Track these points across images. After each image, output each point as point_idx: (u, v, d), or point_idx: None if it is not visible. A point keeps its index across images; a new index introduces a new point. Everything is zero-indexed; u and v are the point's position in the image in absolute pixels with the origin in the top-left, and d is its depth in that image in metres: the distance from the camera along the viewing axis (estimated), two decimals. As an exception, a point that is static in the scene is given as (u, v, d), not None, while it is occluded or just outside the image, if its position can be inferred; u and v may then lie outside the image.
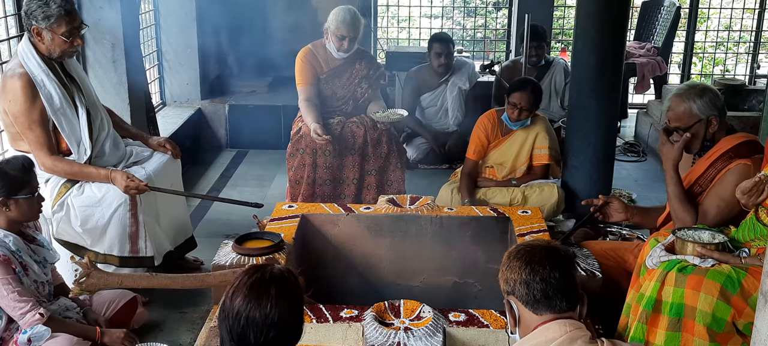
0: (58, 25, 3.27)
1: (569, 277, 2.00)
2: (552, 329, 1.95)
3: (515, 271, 2.01)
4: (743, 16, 8.46)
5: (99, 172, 3.43)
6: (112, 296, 3.24)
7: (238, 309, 1.81)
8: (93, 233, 3.48)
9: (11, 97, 3.29)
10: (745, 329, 2.54)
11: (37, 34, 3.30)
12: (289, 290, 1.85)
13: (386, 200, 3.73)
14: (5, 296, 2.77)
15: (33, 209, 2.95)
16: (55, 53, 3.35)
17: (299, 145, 4.40)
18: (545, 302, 1.98)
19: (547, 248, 2.03)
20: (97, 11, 4.57)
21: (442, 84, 5.80)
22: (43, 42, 3.31)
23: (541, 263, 1.98)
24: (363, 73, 4.56)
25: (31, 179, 2.93)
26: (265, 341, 1.81)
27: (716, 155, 3.05)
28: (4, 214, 2.87)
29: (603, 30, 4.21)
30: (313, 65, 4.47)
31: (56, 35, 3.29)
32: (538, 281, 1.97)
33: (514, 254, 2.04)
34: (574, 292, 2.01)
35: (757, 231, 2.69)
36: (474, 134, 4.54)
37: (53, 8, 3.26)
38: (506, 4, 8.48)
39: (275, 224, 3.50)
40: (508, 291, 2.05)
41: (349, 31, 4.34)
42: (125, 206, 3.45)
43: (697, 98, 3.07)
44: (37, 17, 3.26)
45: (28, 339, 2.78)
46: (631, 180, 5.72)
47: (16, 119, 3.32)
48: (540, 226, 3.49)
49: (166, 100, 6.40)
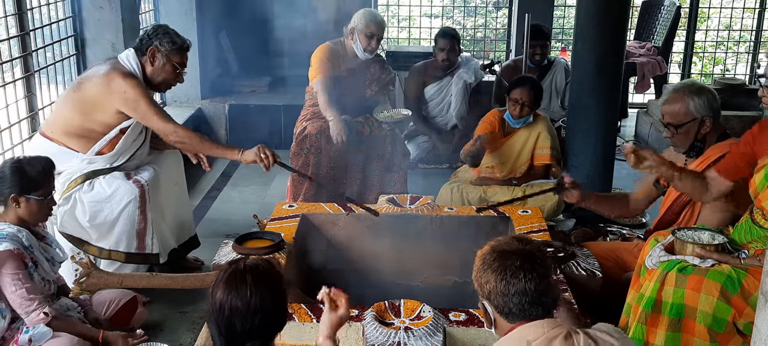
0: (175, 54, 3.58)
1: (545, 285, 1.94)
2: (531, 330, 1.91)
3: (490, 282, 1.96)
4: (743, 16, 8.45)
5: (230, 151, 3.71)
6: (112, 296, 3.25)
7: (220, 302, 1.88)
8: (101, 229, 3.52)
9: (125, 87, 3.44)
10: (745, 328, 2.54)
11: (152, 56, 3.55)
12: (265, 276, 1.93)
13: (386, 199, 3.73)
14: (14, 292, 2.78)
15: (42, 212, 2.97)
16: (158, 78, 3.60)
17: (304, 145, 4.40)
18: (521, 314, 1.94)
19: (522, 256, 1.95)
20: (97, 11, 4.57)
21: (448, 76, 5.80)
22: (152, 64, 3.56)
23: (516, 275, 1.92)
24: (375, 77, 4.58)
25: (48, 182, 2.97)
26: (251, 327, 1.88)
27: (706, 163, 3.03)
28: (14, 210, 2.89)
29: (603, 30, 4.21)
30: (332, 62, 4.48)
31: (169, 63, 3.58)
32: (514, 294, 1.92)
33: (489, 262, 1.98)
34: (549, 297, 1.96)
35: (754, 233, 2.68)
36: (479, 128, 4.52)
37: (179, 41, 3.60)
38: (506, 3, 8.48)
39: (275, 224, 3.50)
40: (483, 295, 2.01)
41: (378, 30, 4.43)
42: (135, 202, 3.51)
43: (695, 96, 3.06)
44: (163, 40, 3.55)
45: (30, 339, 2.78)
46: (632, 180, 5.70)
47: (136, 104, 3.46)
48: (540, 225, 3.49)
49: (166, 100, 6.40)
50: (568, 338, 1.89)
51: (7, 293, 2.79)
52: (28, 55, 4.12)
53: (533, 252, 1.97)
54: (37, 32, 4.24)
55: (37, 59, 4.24)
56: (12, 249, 2.78)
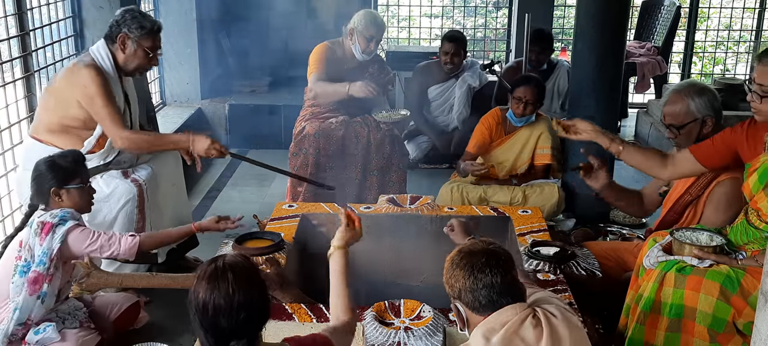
0: (146, 39, 3.48)
1: (511, 277, 2.05)
2: (505, 313, 2.01)
3: (459, 280, 2.06)
4: (743, 16, 8.45)
5: (179, 137, 3.61)
6: (115, 299, 3.27)
7: (204, 301, 1.88)
8: (99, 229, 3.49)
9: (85, 80, 3.39)
10: (745, 328, 2.54)
11: (122, 43, 3.47)
12: (245, 272, 1.93)
13: (386, 199, 3.72)
14: (96, 244, 2.92)
15: (85, 199, 3.07)
16: (131, 66, 3.53)
17: (302, 145, 4.40)
18: (490, 306, 2.03)
19: (487, 253, 2.06)
20: (97, 11, 4.57)
21: (452, 79, 5.79)
22: (123, 52, 3.49)
23: (483, 270, 2.02)
24: (374, 77, 4.58)
25: (83, 170, 3.08)
26: (236, 323, 1.88)
27: None
28: (58, 204, 2.97)
29: (603, 30, 4.21)
30: (330, 61, 4.48)
31: (141, 48, 3.49)
32: (482, 288, 2.02)
33: (457, 262, 2.08)
34: (516, 288, 2.06)
35: (750, 234, 2.68)
36: (477, 130, 4.54)
37: (147, 24, 3.48)
38: (506, 3, 8.48)
39: (275, 224, 3.50)
40: (454, 296, 2.10)
41: (378, 32, 4.43)
42: (133, 202, 3.51)
43: (696, 97, 3.06)
44: (131, 26, 3.45)
45: (37, 341, 2.80)
46: (632, 180, 5.70)
47: (92, 100, 3.41)
48: (540, 225, 3.49)
49: (166, 100, 6.41)
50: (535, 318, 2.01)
51: (96, 252, 2.93)
52: (28, 55, 4.11)
53: (497, 250, 2.09)
54: (37, 32, 4.24)
55: (37, 59, 4.23)
56: (76, 223, 2.93)
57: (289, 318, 2.65)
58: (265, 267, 2.87)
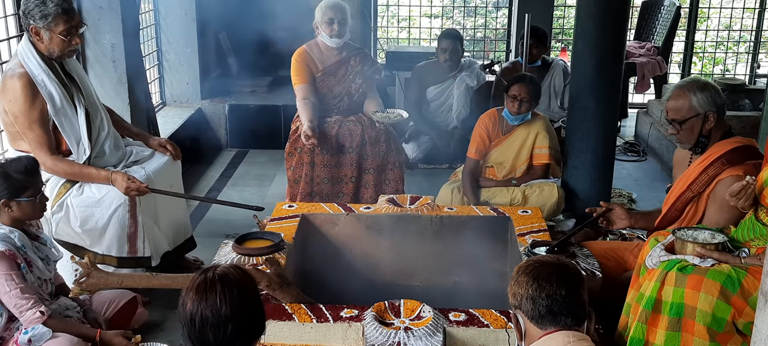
0: (55, 24, 3.25)
1: (576, 295, 2.00)
2: (555, 340, 1.96)
3: (522, 286, 2.02)
4: (743, 16, 8.45)
5: (99, 173, 3.43)
6: (112, 296, 3.25)
7: (191, 313, 1.84)
8: (92, 234, 3.48)
9: (11, 97, 3.29)
10: (745, 328, 2.54)
11: (36, 34, 3.29)
12: (235, 284, 1.87)
13: (386, 199, 3.72)
14: (8, 292, 2.78)
15: (36, 210, 2.96)
16: (55, 53, 3.33)
17: (297, 145, 4.41)
18: (550, 318, 1.98)
19: (557, 265, 2.03)
20: (97, 11, 4.57)
21: (451, 78, 5.80)
22: (42, 41, 3.30)
23: (548, 280, 1.99)
24: (357, 69, 4.56)
25: (35, 180, 2.94)
26: (224, 336, 1.83)
27: (708, 161, 3.03)
28: (7, 214, 2.88)
29: (603, 30, 4.21)
30: (308, 64, 4.49)
31: (55, 34, 3.27)
32: (544, 298, 1.98)
33: (524, 269, 2.05)
34: (580, 309, 2.01)
35: (757, 231, 2.69)
36: (475, 133, 4.54)
37: (50, 7, 3.23)
38: (506, 3, 8.48)
39: (275, 224, 3.50)
40: (515, 305, 2.06)
41: (336, 13, 4.38)
42: (124, 206, 3.45)
43: (698, 92, 3.06)
44: (35, 16, 3.24)
45: (29, 340, 2.78)
46: (632, 180, 5.72)
47: (16, 119, 3.31)
48: (540, 226, 3.49)
49: (166, 100, 6.40)
50: None
51: (1, 294, 2.79)
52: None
53: (567, 264, 2.05)
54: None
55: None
56: (3, 250, 2.78)
57: (289, 318, 2.65)
58: (264, 267, 2.87)
